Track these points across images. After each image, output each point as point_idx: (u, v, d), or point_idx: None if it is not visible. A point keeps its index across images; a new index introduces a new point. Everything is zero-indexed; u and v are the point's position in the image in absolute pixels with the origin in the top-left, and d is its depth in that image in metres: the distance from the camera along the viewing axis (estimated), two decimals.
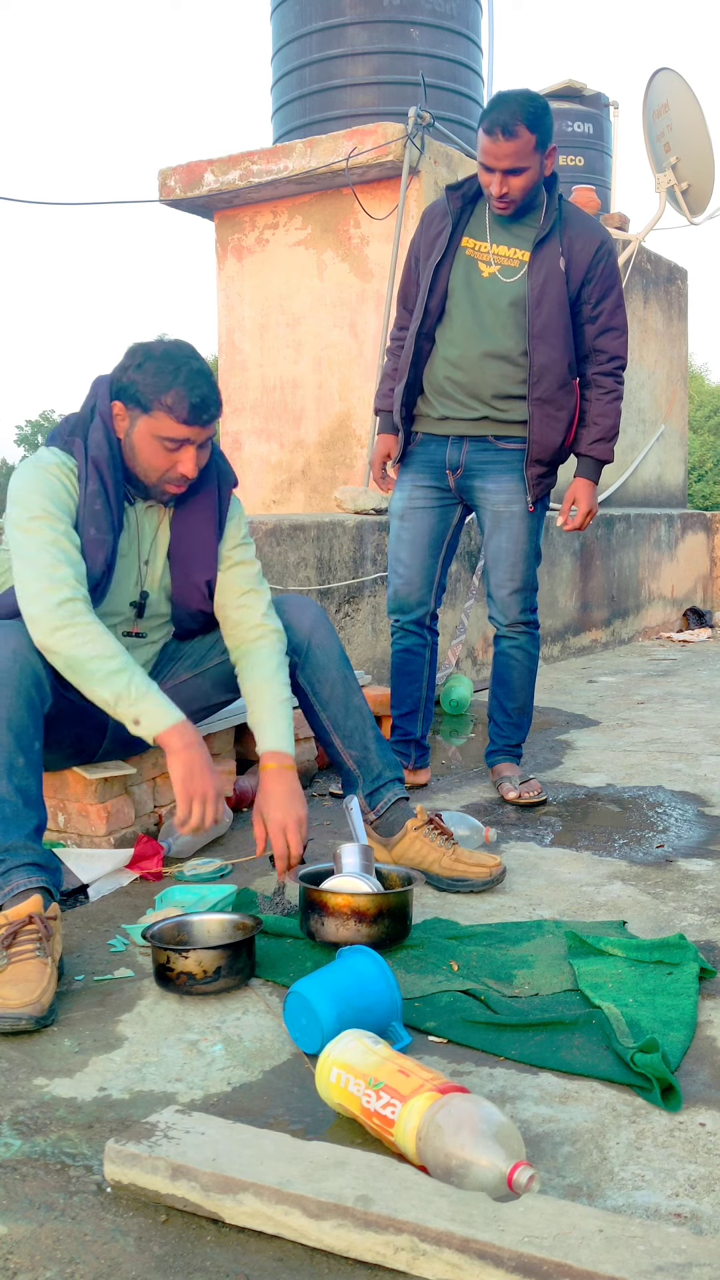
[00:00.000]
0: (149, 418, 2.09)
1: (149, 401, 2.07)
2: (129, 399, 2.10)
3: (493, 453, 2.92)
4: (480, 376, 2.86)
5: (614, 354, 2.87)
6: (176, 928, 1.93)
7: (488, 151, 2.67)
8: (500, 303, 2.82)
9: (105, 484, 2.12)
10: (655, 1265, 1.08)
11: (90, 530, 2.11)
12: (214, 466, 2.28)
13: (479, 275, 2.84)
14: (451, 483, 2.97)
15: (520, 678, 3.07)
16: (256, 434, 5.59)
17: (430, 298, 2.86)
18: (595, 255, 2.79)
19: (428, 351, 2.92)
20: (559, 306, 2.78)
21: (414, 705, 3.10)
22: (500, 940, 2.03)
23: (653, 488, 7.22)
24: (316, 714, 2.38)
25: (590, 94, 7.32)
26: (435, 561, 3.04)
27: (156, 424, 2.08)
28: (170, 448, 2.10)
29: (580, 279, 2.79)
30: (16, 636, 1.98)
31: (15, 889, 1.85)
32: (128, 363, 2.12)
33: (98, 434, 2.13)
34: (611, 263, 2.83)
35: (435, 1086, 1.33)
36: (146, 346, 2.13)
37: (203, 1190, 1.24)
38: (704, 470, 24.06)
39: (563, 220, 2.80)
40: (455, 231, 2.85)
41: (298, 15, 5.56)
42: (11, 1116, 1.46)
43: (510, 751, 3.13)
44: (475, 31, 5.67)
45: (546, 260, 2.77)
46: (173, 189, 5.38)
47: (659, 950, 1.93)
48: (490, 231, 2.84)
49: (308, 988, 1.62)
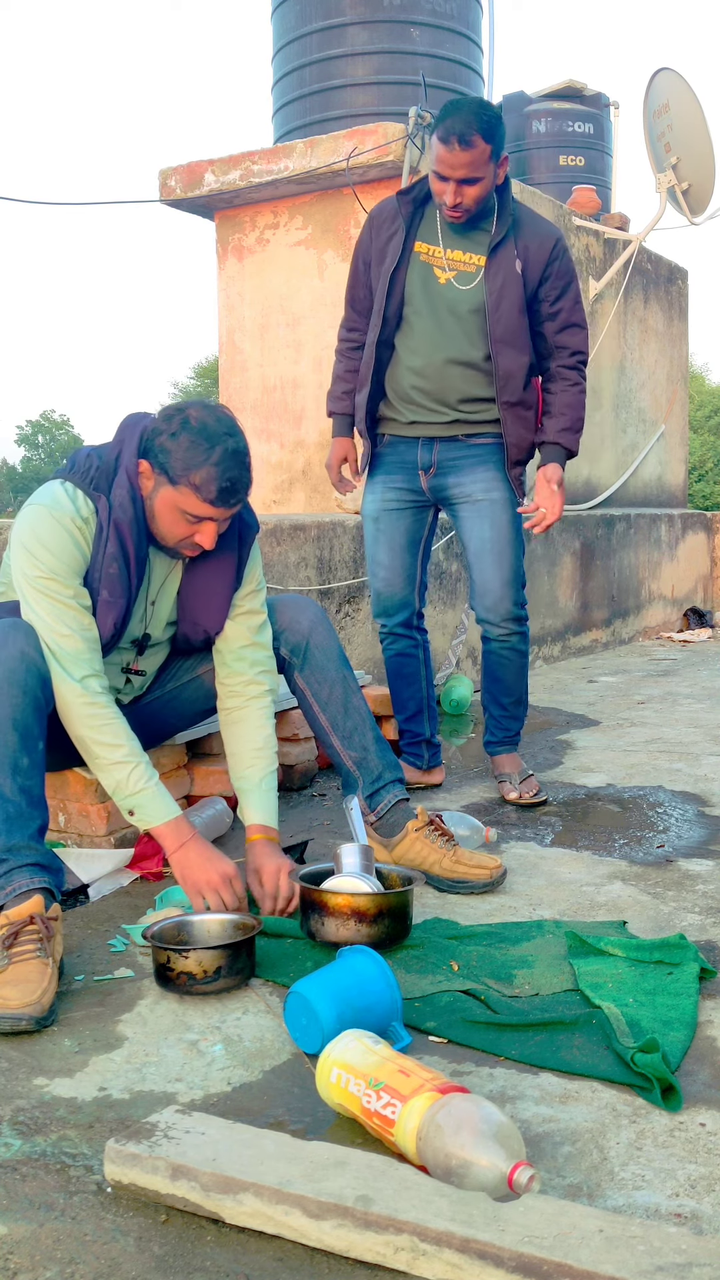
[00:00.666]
0: (174, 490, 2.01)
1: (177, 476, 2.00)
2: (157, 465, 2.03)
3: (465, 448, 2.91)
4: (446, 383, 2.85)
5: (575, 349, 2.87)
6: (177, 928, 1.93)
7: (443, 160, 2.64)
8: (460, 309, 2.81)
9: (126, 549, 2.06)
10: (655, 1265, 1.08)
11: (104, 593, 2.07)
12: (237, 520, 2.20)
13: (435, 282, 2.83)
14: (424, 483, 2.94)
15: (513, 674, 3.05)
16: (257, 434, 5.58)
17: (388, 305, 2.84)
18: (550, 254, 2.79)
19: (388, 359, 2.91)
20: (518, 310, 2.78)
21: (417, 707, 3.10)
22: (500, 940, 2.03)
23: (653, 488, 7.22)
24: (315, 715, 2.38)
25: (591, 94, 7.32)
26: (415, 560, 3.02)
27: (181, 498, 2.01)
28: (191, 521, 2.04)
29: (537, 279, 2.79)
30: (22, 637, 1.98)
31: (17, 889, 1.85)
32: (163, 428, 2.03)
33: (122, 492, 2.06)
34: (566, 260, 2.83)
35: (435, 1086, 1.33)
36: (185, 415, 2.03)
37: (203, 1190, 1.24)
38: (704, 470, 24.06)
39: (517, 223, 2.79)
40: (408, 236, 2.83)
41: (298, 15, 5.56)
42: (12, 1116, 1.47)
43: (510, 741, 3.12)
44: (475, 31, 5.67)
45: (503, 265, 2.76)
46: (173, 189, 5.38)
47: (659, 950, 1.93)
48: (443, 236, 2.82)
49: (308, 988, 1.62)
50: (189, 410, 2.05)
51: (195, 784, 2.78)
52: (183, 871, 2.03)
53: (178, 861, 2.03)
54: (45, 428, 54.20)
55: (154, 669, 2.35)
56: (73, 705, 2.01)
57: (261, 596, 2.31)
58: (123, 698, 2.31)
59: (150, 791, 2.03)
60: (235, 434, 2.03)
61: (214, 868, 2.02)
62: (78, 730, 2.03)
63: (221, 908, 2.01)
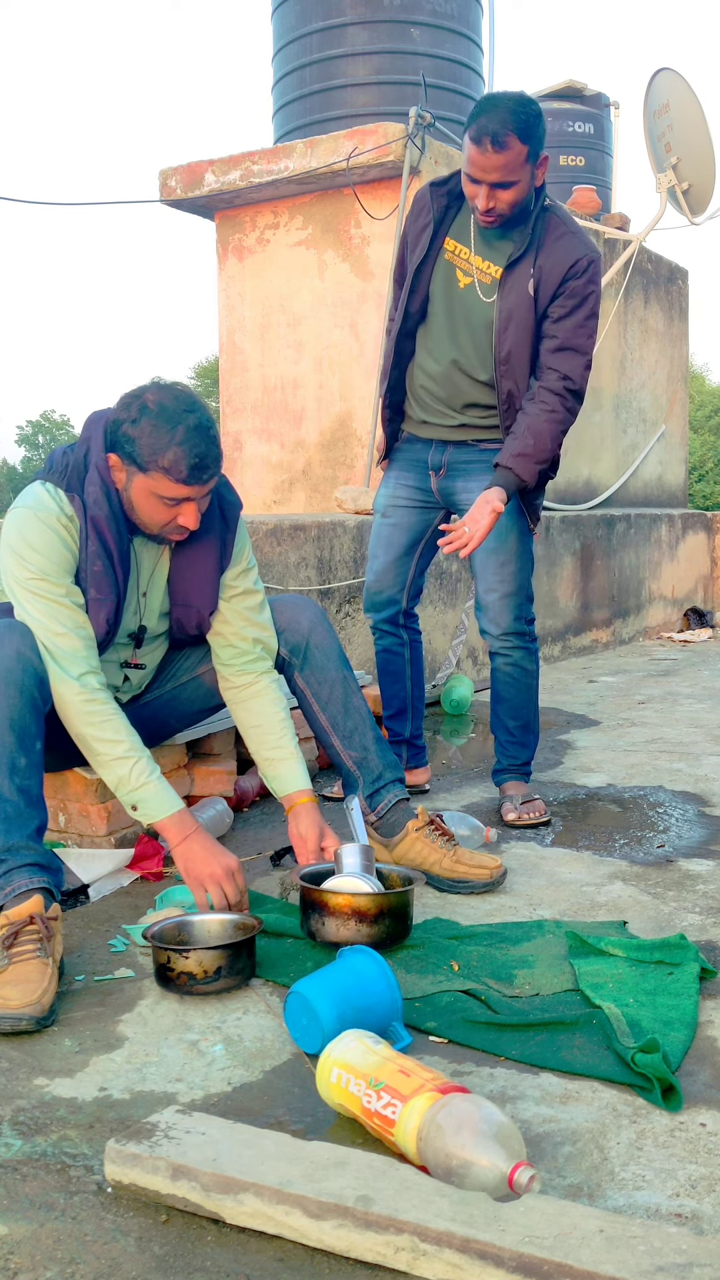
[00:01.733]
0: (147, 477, 2.00)
1: (146, 463, 1.99)
2: (125, 455, 2.02)
3: (475, 453, 2.83)
4: (454, 390, 2.79)
5: (565, 374, 2.62)
6: (177, 928, 1.93)
7: (474, 163, 2.49)
8: (475, 320, 2.72)
9: (107, 545, 2.06)
10: (656, 1265, 1.08)
11: (92, 591, 2.07)
12: (218, 499, 2.20)
13: (456, 284, 2.74)
14: (434, 484, 2.88)
15: (519, 695, 2.90)
16: (257, 434, 5.59)
17: (410, 299, 2.78)
18: (567, 273, 2.60)
19: (410, 351, 2.85)
20: (525, 331, 2.63)
21: (400, 706, 3.04)
22: (501, 940, 2.03)
23: (653, 488, 7.22)
24: (315, 715, 2.38)
25: (591, 94, 7.33)
26: (409, 561, 2.96)
27: (155, 484, 2.00)
28: (170, 504, 2.03)
29: (549, 297, 2.62)
30: (19, 637, 1.98)
31: (17, 889, 1.84)
32: (124, 416, 2.02)
33: (94, 489, 2.05)
34: (585, 282, 2.62)
35: (436, 1086, 1.33)
36: (143, 401, 2.01)
37: (203, 1190, 1.24)
38: (704, 470, 24.07)
39: (539, 238, 2.62)
40: (438, 231, 2.73)
41: (298, 15, 5.56)
42: (12, 1117, 1.46)
43: (517, 770, 2.97)
44: (476, 31, 5.67)
45: (516, 284, 2.62)
46: (174, 189, 5.38)
47: (660, 950, 1.93)
48: (474, 239, 2.70)
49: (308, 988, 1.62)
50: (146, 395, 2.02)
51: (195, 784, 2.78)
52: (186, 864, 2.03)
53: (181, 854, 2.03)
54: (45, 428, 54.24)
55: (154, 664, 2.35)
56: (71, 703, 2.01)
57: (254, 575, 2.31)
58: (121, 695, 2.31)
59: (153, 786, 2.04)
60: (196, 409, 2.01)
61: (217, 861, 2.03)
62: (78, 728, 2.03)
63: (224, 901, 2.01)
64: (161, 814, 2.04)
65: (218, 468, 2.05)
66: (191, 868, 2.02)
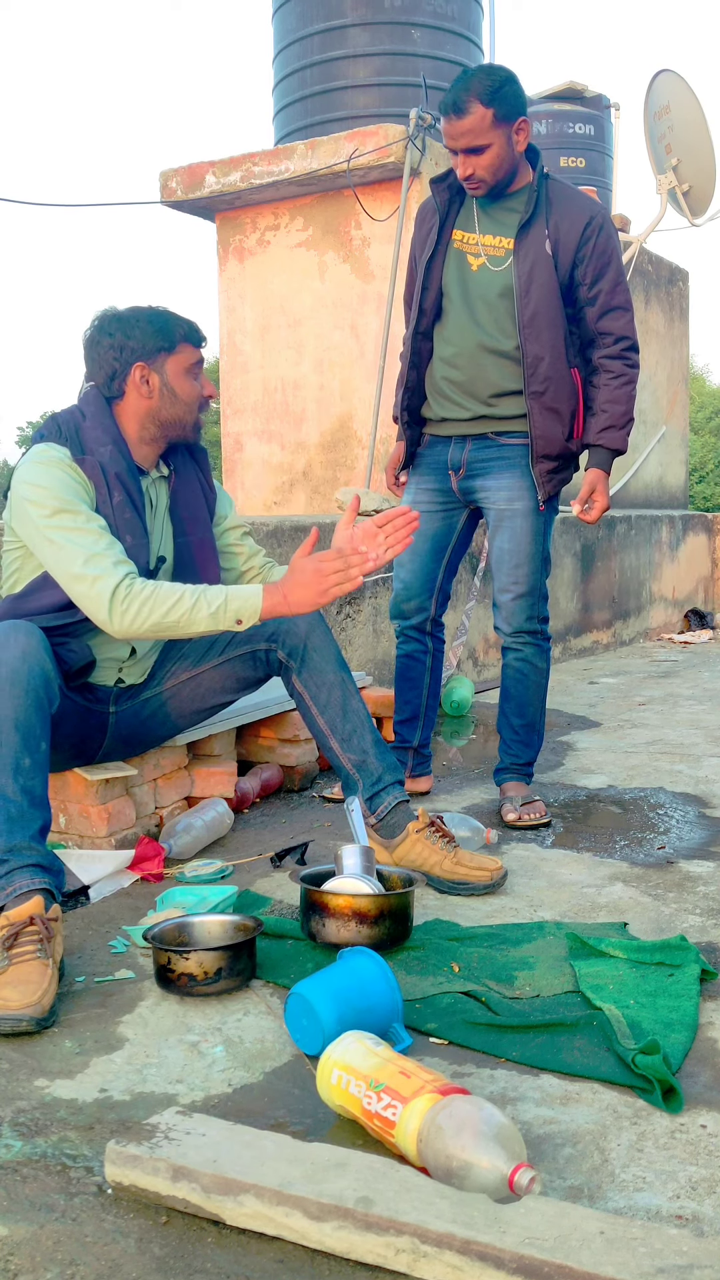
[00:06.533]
0: (175, 356, 2.20)
1: (170, 342, 2.19)
2: (148, 355, 2.18)
3: (495, 449, 2.82)
4: (477, 373, 2.78)
5: (620, 334, 2.72)
6: (177, 929, 1.93)
7: (445, 133, 2.61)
8: (490, 295, 2.73)
9: (128, 490, 2.19)
10: (656, 1267, 1.08)
11: (127, 538, 2.17)
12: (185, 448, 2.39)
13: (469, 270, 2.76)
14: (455, 484, 2.87)
15: (526, 692, 2.91)
16: (258, 435, 5.59)
17: (425, 296, 2.79)
18: (584, 232, 2.66)
19: (428, 352, 2.85)
20: (549, 293, 2.66)
21: (413, 712, 3.03)
22: (501, 942, 2.03)
23: (654, 489, 7.22)
24: (314, 718, 2.37)
25: (591, 95, 7.32)
26: (437, 566, 2.94)
27: (183, 357, 2.21)
28: (195, 374, 2.24)
29: (570, 260, 2.67)
30: (26, 636, 1.97)
31: (17, 890, 1.84)
32: (115, 343, 2.18)
33: (96, 430, 2.18)
34: (605, 238, 2.68)
35: (436, 1088, 1.33)
36: (110, 318, 2.20)
37: (204, 1192, 1.24)
38: (705, 472, 24.05)
39: (547, 200, 2.68)
40: (444, 225, 2.77)
41: (299, 17, 5.56)
42: (12, 1118, 1.46)
43: (519, 771, 2.97)
44: (476, 33, 5.68)
45: (532, 245, 2.66)
46: (174, 190, 5.38)
47: (660, 952, 1.93)
48: (478, 222, 2.75)
49: (309, 989, 1.62)
50: (105, 316, 2.22)
51: (196, 785, 2.78)
52: (298, 598, 2.13)
53: (292, 603, 2.13)
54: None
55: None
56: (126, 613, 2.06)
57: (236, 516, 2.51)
58: (125, 677, 2.35)
59: (232, 597, 2.11)
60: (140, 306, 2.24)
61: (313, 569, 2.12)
62: (149, 628, 2.08)
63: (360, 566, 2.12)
64: (257, 605, 2.12)
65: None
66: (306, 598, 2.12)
